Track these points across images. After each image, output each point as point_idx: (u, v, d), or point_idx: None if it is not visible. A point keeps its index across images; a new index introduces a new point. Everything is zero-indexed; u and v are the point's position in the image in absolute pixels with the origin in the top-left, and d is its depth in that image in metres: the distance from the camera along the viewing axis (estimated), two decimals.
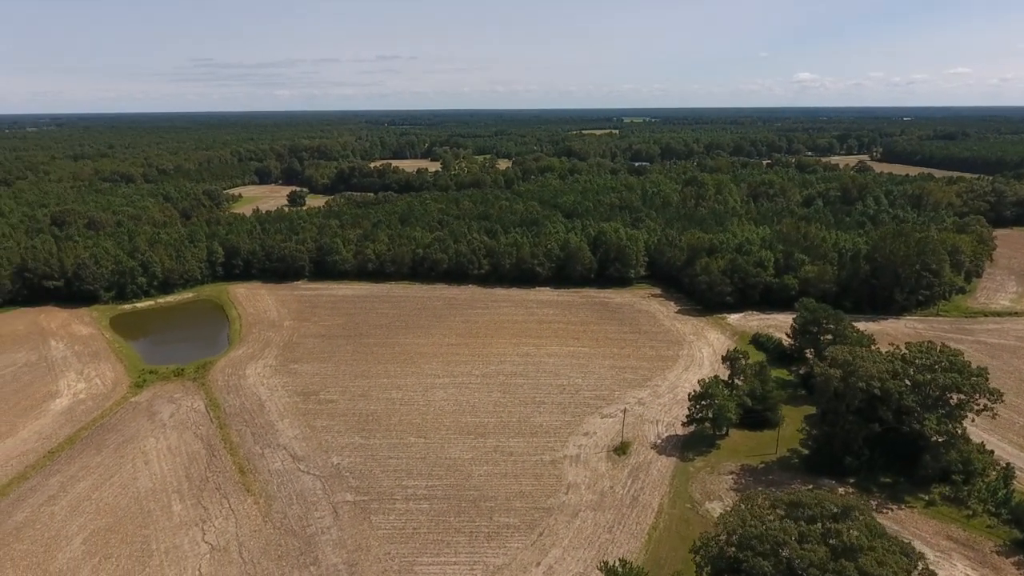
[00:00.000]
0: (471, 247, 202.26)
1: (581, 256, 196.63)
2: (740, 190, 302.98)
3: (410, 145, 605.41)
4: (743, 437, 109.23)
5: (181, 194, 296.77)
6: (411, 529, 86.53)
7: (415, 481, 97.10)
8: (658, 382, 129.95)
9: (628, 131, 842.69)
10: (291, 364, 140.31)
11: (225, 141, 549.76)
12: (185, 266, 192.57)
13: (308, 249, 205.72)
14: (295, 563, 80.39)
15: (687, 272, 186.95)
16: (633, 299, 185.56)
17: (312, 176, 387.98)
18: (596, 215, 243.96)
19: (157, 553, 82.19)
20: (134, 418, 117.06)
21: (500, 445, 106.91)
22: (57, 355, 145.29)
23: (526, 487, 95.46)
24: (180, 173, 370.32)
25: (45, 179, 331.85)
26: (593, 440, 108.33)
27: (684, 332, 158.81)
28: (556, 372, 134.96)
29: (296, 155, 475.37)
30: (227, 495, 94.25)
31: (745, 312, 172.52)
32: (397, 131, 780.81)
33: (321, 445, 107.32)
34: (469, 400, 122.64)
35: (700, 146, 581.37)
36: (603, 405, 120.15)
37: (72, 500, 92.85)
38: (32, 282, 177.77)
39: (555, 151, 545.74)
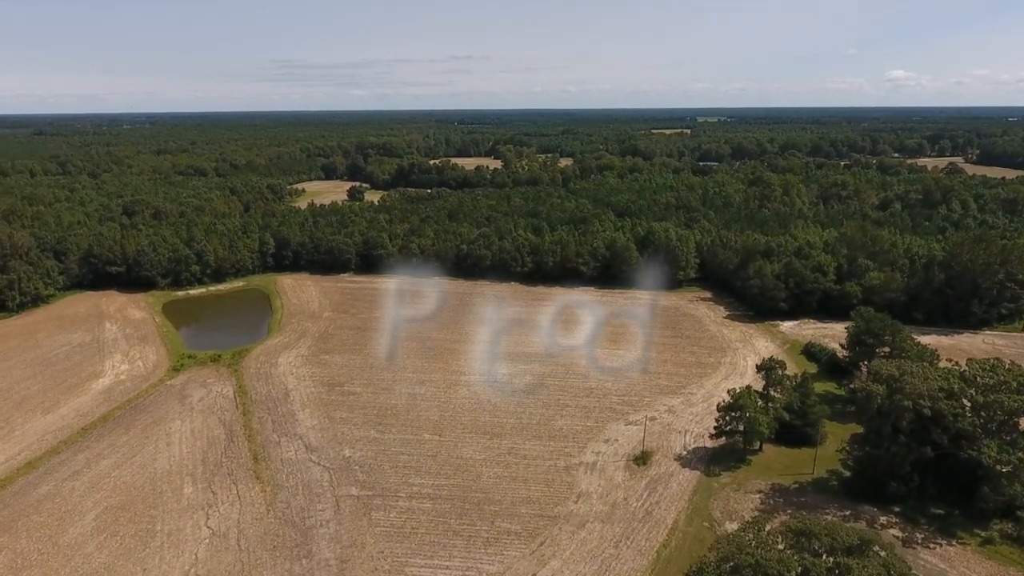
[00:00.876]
0: (515, 244, 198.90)
1: (627, 256, 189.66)
2: (809, 191, 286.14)
3: (474, 143, 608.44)
4: (778, 454, 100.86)
5: (246, 187, 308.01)
6: (410, 528, 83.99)
7: (422, 479, 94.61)
8: (693, 390, 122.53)
9: (700, 131, 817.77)
10: (322, 355, 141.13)
11: (297, 138, 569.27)
12: (237, 256, 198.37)
13: (355, 242, 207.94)
14: (289, 555, 79.34)
15: (739, 275, 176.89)
16: (680, 302, 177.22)
17: (373, 172, 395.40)
18: (650, 214, 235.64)
19: (160, 534, 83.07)
20: (166, 400, 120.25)
21: (515, 447, 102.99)
22: (109, 337, 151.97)
23: (535, 493, 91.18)
24: (250, 168, 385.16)
25: (127, 172, 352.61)
26: (613, 448, 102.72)
27: (730, 339, 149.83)
28: (586, 374, 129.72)
29: (363, 152, 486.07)
30: (237, 481, 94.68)
31: (800, 320, 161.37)
32: (464, 129, 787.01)
33: (336, 437, 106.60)
34: (490, 399, 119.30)
35: (774, 146, 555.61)
36: (630, 412, 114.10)
37: (93, 477, 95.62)
38: (97, 267, 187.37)
39: (620, 150, 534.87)
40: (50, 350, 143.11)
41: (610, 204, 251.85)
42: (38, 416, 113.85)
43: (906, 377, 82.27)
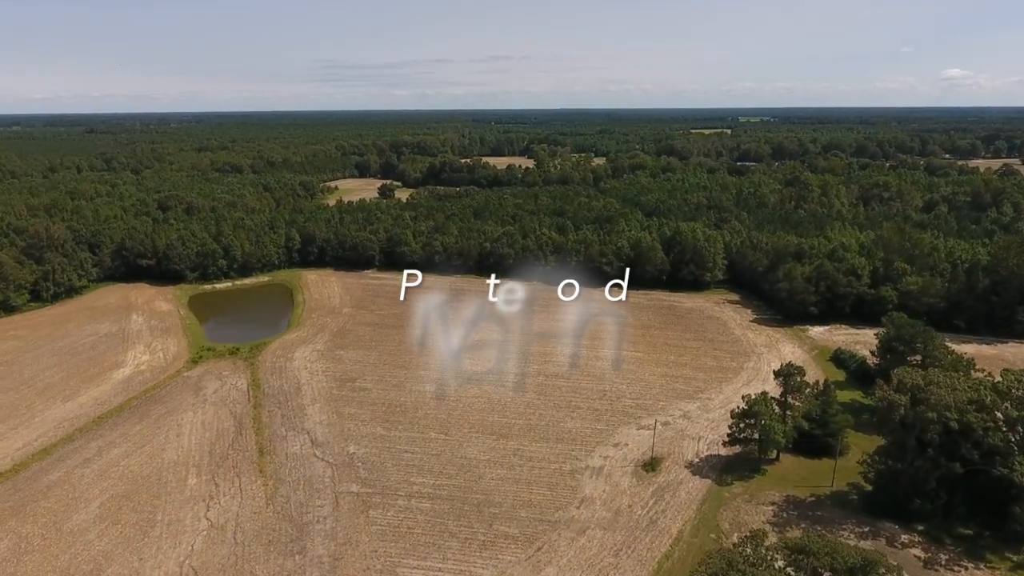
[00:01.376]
0: (539, 243, 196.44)
1: (652, 256, 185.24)
2: (849, 192, 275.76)
3: (509, 142, 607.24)
4: (796, 464, 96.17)
5: (279, 184, 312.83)
6: (406, 528, 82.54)
7: (423, 478, 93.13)
8: (711, 395, 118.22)
9: (741, 131, 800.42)
10: (338, 350, 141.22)
11: (333, 137, 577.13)
12: (263, 251, 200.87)
13: (379, 239, 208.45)
14: (283, 550, 78.73)
15: (768, 278, 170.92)
16: (705, 304, 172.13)
17: (405, 170, 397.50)
18: (679, 214, 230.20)
19: (160, 524, 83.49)
20: (181, 392, 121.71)
21: (521, 449, 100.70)
22: (134, 328, 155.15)
23: (536, 496, 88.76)
24: (286, 165, 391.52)
25: (168, 168, 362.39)
26: (622, 452, 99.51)
27: (755, 343, 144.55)
28: (601, 376, 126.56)
29: (397, 150, 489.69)
30: (240, 474, 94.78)
31: (831, 325, 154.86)
32: (499, 129, 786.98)
33: (343, 433, 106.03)
34: (501, 399, 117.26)
35: (817, 146, 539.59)
36: (643, 415, 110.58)
37: (103, 465, 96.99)
38: (129, 260, 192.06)
39: (656, 150, 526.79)
40: (77, 340, 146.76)
41: (639, 203, 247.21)
42: (58, 404, 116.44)
43: (932, 387, 77.08)
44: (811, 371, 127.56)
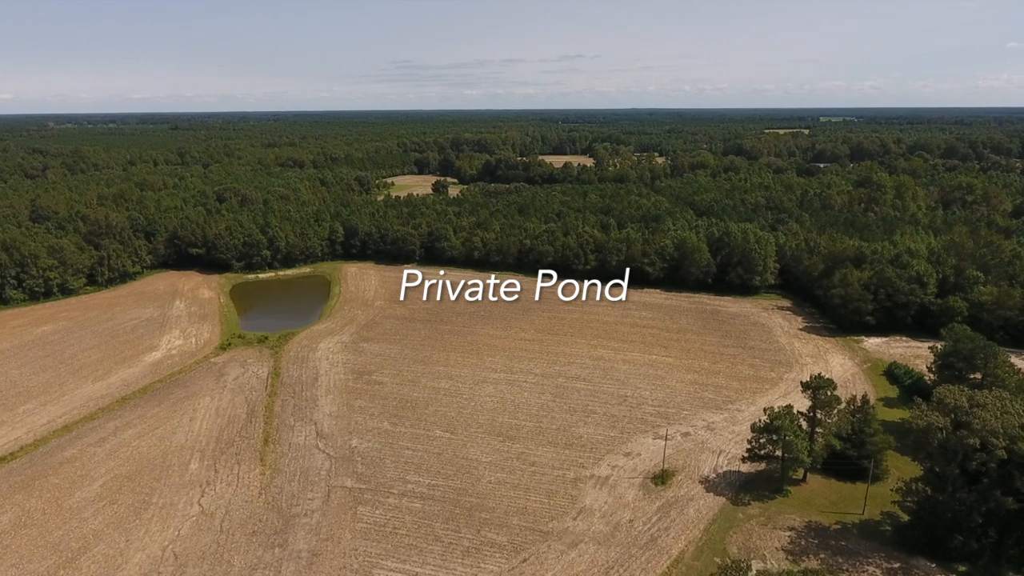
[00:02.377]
0: (580, 240, 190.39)
1: (697, 257, 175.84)
2: (928, 195, 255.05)
3: (571, 141, 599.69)
4: (824, 487, 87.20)
5: (336, 179, 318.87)
6: (391, 528, 79.52)
7: (419, 477, 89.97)
8: (741, 406, 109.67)
9: (820, 130, 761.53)
10: (362, 343, 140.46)
11: (397, 134, 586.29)
12: (307, 243, 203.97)
13: (420, 234, 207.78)
14: (264, 541, 77.26)
15: (823, 284, 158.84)
16: (752, 310, 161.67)
17: (461, 167, 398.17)
18: (734, 214, 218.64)
19: (154, 507, 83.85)
20: (204, 377, 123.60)
21: (526, 452, 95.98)
22: (175, 314, 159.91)
23: (533, 504, 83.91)
24: (347, 161, 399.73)
25: (236, 162, 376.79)
26: (633, 462, 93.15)
27: (800, 353, 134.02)
28: (624, 380, 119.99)
29: (457, 148, 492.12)
30: (241, 462, 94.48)
31: (890, 337, 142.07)
32: (564, 128, 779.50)
33: (349, 426, 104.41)
34: (515, 399, 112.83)
35: (901, 146, 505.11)
36: (662, 424, 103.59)
37: (114, 445, 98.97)
38: (181, 248, 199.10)
39: (723, 149, 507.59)
40: (121, 323, 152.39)
41: (692, 203, 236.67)
42: (88, 383, 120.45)
43: (977, 409, 67.24)
44: (859, 386, 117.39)
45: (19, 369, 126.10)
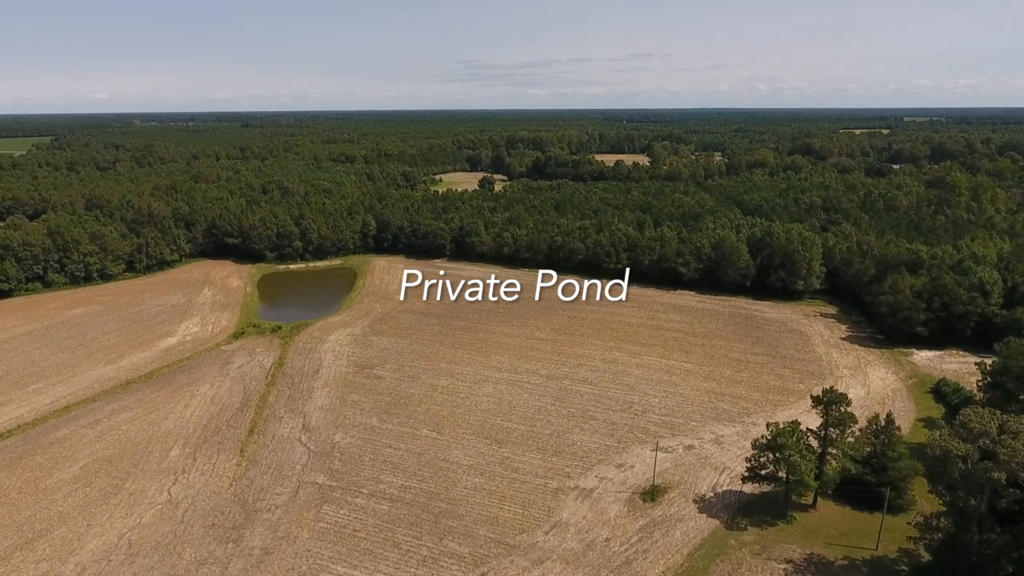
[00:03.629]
0: (612, 238, 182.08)
1: (735, 258, 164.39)
2: (1010, 197, 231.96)
3: (630, 140, 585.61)
4: (836, 515, 77.28)
5: (383, 174, 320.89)
6: (351, 530, 75.38)
7: (393, 477, 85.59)
8: (758, 420, 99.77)
9: (902, 130, 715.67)
10: (372, 336, 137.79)
11: (454, 132, 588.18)
12: (340, 235, 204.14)
13: (451, 229, 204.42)
14: (220, 536, 74.61)
15: (872, 290, 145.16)
16: (792, 316, 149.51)
17: (511, 164, 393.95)
18: (785, 214, 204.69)
19: (124, 492, 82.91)
20: (210, 364, 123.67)
21: (511, 457, 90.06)
22: (200, 301, 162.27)
23: (506, 513, 77.96)
24: (399, 157, 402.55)
25: (291, 157, 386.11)
26: (624, 475, 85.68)
27: (837, 364, 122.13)
28: (634, 386, 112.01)
29: (512, 145, 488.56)
30: (221, 451, 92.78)
31: (945, 350, 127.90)
32: (626, 127, 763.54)
33: (337, 420, 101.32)
34: (513, 401, 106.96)
35: (989, 147, 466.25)
36: (666, 435, 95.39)
37: (106, 427, 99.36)
38: (218, 238, 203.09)
39: (791, 148, 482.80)
40: (147, 309, 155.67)
41: (740, 201, 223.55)
42: (100, 366, 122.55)
43: (1006, 438, 56.71)
44: (899, 403, 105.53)
45: (40, 349, 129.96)
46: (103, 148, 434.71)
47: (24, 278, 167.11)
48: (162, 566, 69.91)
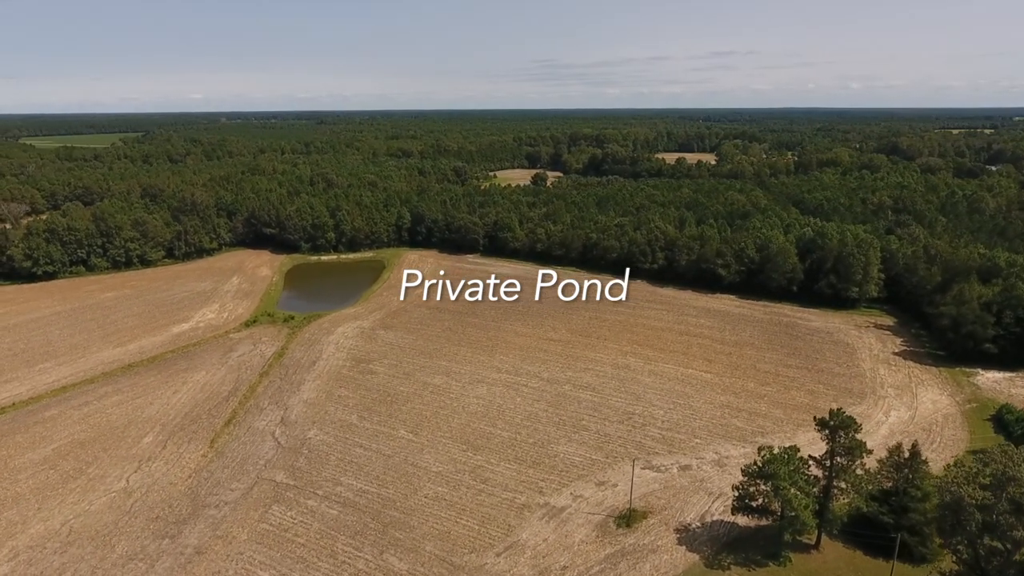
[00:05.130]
0: (648, 236, 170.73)
1: (781, 261, 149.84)
2: None
3: (700, 138, 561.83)
4: (843, 559, 65.48)
5: (434, 169, 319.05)
6: (292, 534, 70.25)
7: (354, 480, 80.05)
8: (773, 441, 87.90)
9: (1007, 130, 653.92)
10: (379, 330, 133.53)
11: (516, 130, 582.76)
12: (373, 228, 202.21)
13: (486, 223, 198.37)
14: (159, 530, 71.22)
15: (935, 300, 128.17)
16: (840, 326, 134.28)
17: (567, 161, 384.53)
18: (848, 215, 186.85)
19: (84, 478, 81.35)
20: (213, 351, 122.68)
21: (483, 466, 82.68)
22: (225, 289, 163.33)
23: (460, 529, 70.74)
24: (457, 153, 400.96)
25: (352, 152, 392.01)
26: (603, 494, 76.60)
27: (883, 382, 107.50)
28: (640, 395, 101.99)
29: (574, 143, 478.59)
30: (193, 440, 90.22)
31: (1018, 372, 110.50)
32: (700, 126, 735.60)
33: (317, 415, 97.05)
34: (504, 404, 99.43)
35: None
36: (662, 452, 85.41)
37: (92, 410, 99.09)
38: (257, 228, 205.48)
39: (876, 148, 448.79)
40: (173, 295, 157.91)
41: (800, 201, 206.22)
42: (110, 348, 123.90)
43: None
44: (948, 430, 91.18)
45: (60, 330, 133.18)
46: (181, 142, 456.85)
47: (68, 261, 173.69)
48: (91, 558, 67.03)
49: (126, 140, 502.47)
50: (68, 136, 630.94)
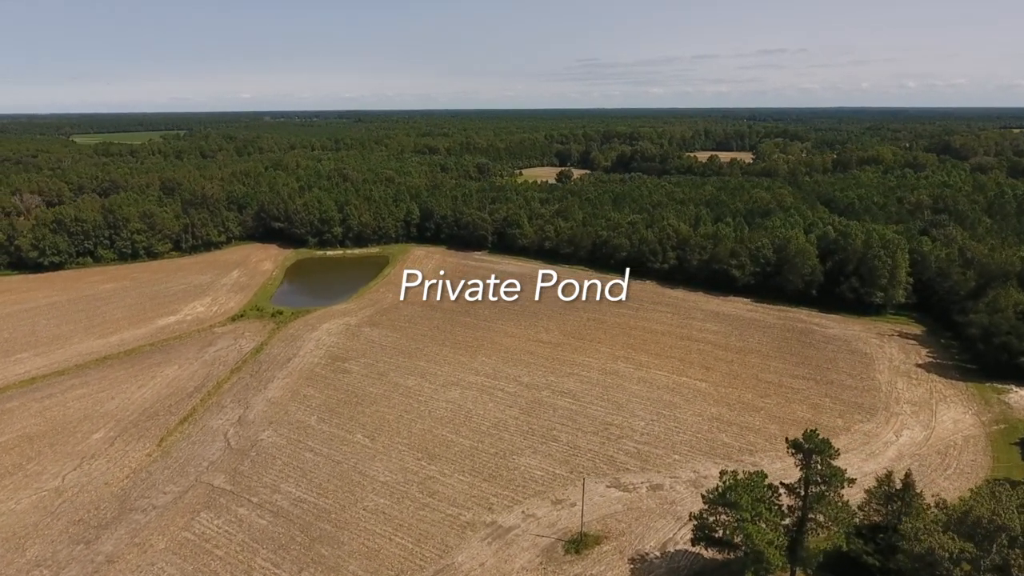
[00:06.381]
0: (660, 235, 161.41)
1: (800, 262, 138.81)
2: None
3: (739, 137, 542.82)
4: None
5: (457, 166, 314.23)
6: (212, 545, 65.10)
7: (293, 488, 74.56)
8: (762, 460, 79.02)
9: None
10: (365, 327, 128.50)
11: (548, 128, 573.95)
12: (381, 223, 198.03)
13: (495, 220, 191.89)
14: (76, 535, 67.04)
15: (967, 307, 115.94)
16: (861, 334, 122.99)
17: (596, 158, 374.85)
18: (882, 215, 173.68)
19: (22, 474, 78.21)
20: (191, 345, 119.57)
21: (435, 477, 76.15)
22: (223, 282, 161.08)
23: (392, 547, 64.38)
24: (486, 151, 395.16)
25: (377, 149, 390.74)
26: (556, 514, 69.11)
27: (900, 397, 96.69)
28: (623, 404, 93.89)
29: (607, 141, 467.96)
30: (142, 438, 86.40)
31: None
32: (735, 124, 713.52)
33: (276, 415, 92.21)
34: (473, 410, 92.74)
35: None
36: (634, 468, 77.38)
37: (53, 403, 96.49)
38: (266, 222, 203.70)
39: (927, 146, 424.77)
40: (169, 287, 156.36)
41: (830, 199, 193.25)
42: (91, 340, 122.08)
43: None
44: (970, 455, 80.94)
45: (48, 320, 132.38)
46: (217, 139, 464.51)
47: (75, 252, 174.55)
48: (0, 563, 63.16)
49: (166, 137, 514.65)
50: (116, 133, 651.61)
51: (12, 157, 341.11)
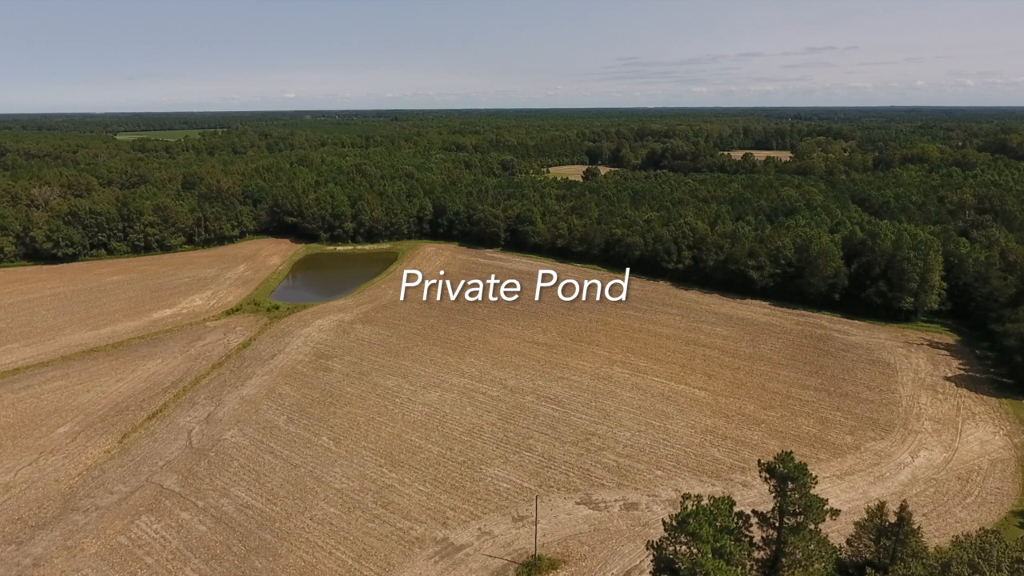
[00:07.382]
0: (676, 233, 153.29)
1: (823, 264, 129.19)
2: None
3: (779, 135, 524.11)
4: None
5: (481, 163, 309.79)
6: (144, 552, 61.34)
7: (244, 492, 70.45)
8: (753, 479, 71.29)
9: None
10: (358, 324, 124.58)
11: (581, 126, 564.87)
12: (393, 219, 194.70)
13: (508, 217, 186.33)
14: (10, 534, 64.19)
15: (1005, 315, 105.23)
16: (886, 342, 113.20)
17: (625, 156, 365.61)
18: (918, 214, 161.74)
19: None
20: (180, 339, 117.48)
21: (393, 486, 71.07)
22: (228, 276, 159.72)
23: (330, 563, 59.50)
24: (515, 148, 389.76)
25: (405, 146, 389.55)
26: (515, 533, 63.15)
27: (923, 412, 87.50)
28: (611, 413, 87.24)
29: (640, 138, 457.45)
30: (108, 434, 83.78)
31: None
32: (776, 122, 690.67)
33: (245, 413, 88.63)
34: (449, 414, 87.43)
35: None
36: (609, 484, 70.82)
37: (28, 395, 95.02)
38: (279, 217, 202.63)
39: (980, 146, 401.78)
40: (173, 281, 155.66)
41: (864, 198, 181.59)
42: (82, 331, 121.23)
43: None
44: (996, 481, 72.25)
45: (47, 311, 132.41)
46: (253, 136, 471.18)
47: (89, 244, 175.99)
48: None
49: (204, 134, 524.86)
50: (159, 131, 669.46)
51: (52, 152, 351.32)
